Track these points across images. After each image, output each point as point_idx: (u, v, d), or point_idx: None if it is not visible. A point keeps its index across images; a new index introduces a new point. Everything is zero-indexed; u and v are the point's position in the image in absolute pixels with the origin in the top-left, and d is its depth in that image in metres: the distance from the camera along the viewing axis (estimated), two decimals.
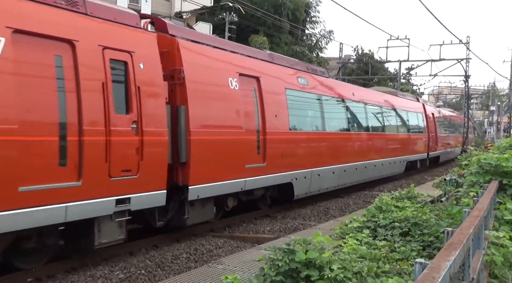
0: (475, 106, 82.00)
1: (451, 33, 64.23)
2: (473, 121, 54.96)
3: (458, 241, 3.22)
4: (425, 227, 7.40)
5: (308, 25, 43.93)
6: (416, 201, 10.23)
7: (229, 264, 6.66)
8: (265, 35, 36.21)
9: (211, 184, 8.75)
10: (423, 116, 23.92)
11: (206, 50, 9.21)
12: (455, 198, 10.15)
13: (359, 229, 7.71)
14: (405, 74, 49.31)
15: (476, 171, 8.62)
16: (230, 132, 9.28)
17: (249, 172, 9.70)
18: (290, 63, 12.58)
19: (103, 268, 7.11)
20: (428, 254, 6.61)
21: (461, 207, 7.07)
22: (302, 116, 12.51)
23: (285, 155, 11.08)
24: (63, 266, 6.96)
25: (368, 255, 5.91)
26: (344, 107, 14.93)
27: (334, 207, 13.28)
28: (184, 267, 7.43)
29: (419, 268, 2.75)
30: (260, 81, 10.38)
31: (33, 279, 6.49)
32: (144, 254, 7.93)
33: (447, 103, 64.01)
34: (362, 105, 16.36)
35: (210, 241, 8.91)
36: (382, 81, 49.10)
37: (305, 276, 4.43)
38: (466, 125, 34.64)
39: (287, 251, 4.62)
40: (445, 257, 2.77)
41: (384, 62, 39.26)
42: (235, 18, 32.39)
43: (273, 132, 10.53)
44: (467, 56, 33.12)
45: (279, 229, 10.23)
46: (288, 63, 12.49)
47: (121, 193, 6.88)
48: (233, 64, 9.74)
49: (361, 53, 52.31)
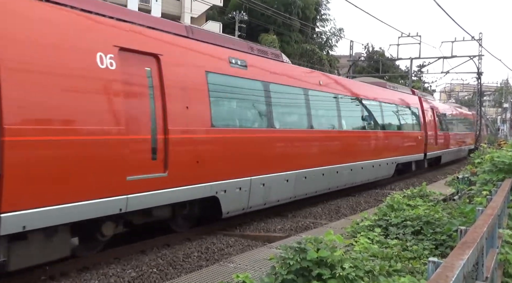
0: (488, 103, 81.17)
1: (463, 30, 63.68)
2: (486, 119, 54.33)
3: (471, 240, 3.19)
4: (437, 226, 7.35)
5: (318, 23, 43.82)
6: (428, 199, 10.15)
7: (240, 263, 6.67)
8: (275, 34, 36.20)
9: (53, 207, 5.92)
10: (419, 111, 20.90)
11: (48, 11, 6.31)
12: (468, 196, 10.07)
13: (371, 227, 7.68)
14: (417, 72, 48.94)
15: (489, 169, 8.56)
16: (94, 130, 6.50)
17: (135, 186, 6.99)
18: (221, 41, 9.66)
19: (115, 266, 7.17)
20: (441, 253, 6.56)
21: (474, 205, 7.02)
22: (235, 109, 9.82)
23: (204, 160, 8.32)
24: (76, 265, 7.02)
25: (380, 254, 5.88)
26: (305, 99, 11.88)
27: (345, 205, 13.22)
28: (196, 266, 7.46)
29: (432, 267, 2.73)
30: (160, 60, 7.69)
31: (47, 277, 6.57)
32: (155, 252, 7.97)
33: (459, 100, 63.39)
34: (331, 96, 13.43)
35: (221, 240, 8.93)
36: (393, 78, 48.81)
37: (317, 274, 4.43)
38: (479, 123, 34.28)
39: (298, 249, 4.61)
40: (459, 256, 2.74)
41: (395, 59, 39.00)
42: (245, 17, 32.40)
43: (181, 130, 7.93)
44: (480, 53, 32.79)
45: (290, 227, 10.22)
46: (218, 40, 9.60)
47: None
48: (107, 34, 7.00)
49: (371, 51, 52.09)
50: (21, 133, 5.68)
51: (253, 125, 10.25)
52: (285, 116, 11.29)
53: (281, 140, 10.86)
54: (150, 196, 7.27)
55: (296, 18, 37.26)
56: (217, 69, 9.04)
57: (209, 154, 8.53)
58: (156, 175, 7.37)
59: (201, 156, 8.31)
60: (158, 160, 7.45)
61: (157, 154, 7.43)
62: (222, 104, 9.31)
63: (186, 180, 7.97)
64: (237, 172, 9.20)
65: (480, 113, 35.52)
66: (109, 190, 6.63)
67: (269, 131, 10.37)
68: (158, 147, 7.44)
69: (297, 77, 12.00)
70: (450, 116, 28.35)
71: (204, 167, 8.34)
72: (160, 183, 7.43)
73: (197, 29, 9.35)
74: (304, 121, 11.87)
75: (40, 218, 5.81)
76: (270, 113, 10.43)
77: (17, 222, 5.56)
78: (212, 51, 9.17)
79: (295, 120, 11.73)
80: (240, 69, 9.66)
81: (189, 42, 8.69)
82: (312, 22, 41.50)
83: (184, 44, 8.55)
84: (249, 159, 9.61)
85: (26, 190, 5.68)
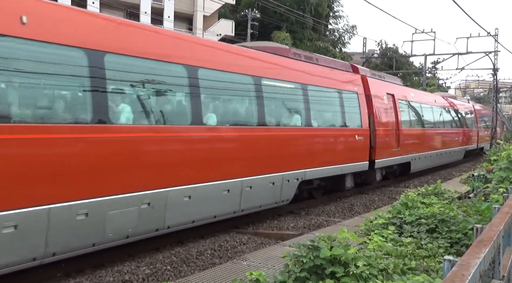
0: (503, 100, 79.96)
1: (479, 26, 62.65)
2: (502, 115, 53.56)
3: (488, 238, 3.15)
4: (452, 224, 7.28)
5: (331, 20, 43.64)
6: (443, 197, 10.07)
7: (253, 261, 6.68)
8: (287, 31, 36.15)
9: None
10: (358, 98, 13.77)
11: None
12: (484, 194, 9.95)
13: (385, 225, 7.64)
14: (431, 68, 48.43)
15: (506, 167, 8.44)
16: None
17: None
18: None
19: (130, 263, 7.23)
20: (456, 251, 6.50)
21: (490, 203, 6.93)
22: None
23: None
24: (91, 261, 7.09)
25: (394, 252, 5.84)
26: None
27: (358, 203, 13.15)
28: (209, 263, 7.49)
29: (447, 266, 2.70)
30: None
31: (62, 273, 6.65)
32: (169, 250, 8.02)
33: (474, 97, 62.59)
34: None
35: (234, 238, 8.96)
36: (407, 75, 48.38)
37: (330, 272, 4.41)
38: (495, 120, 33.78)
39: (311, 247, 4.60)
40: (475, 255, 2.71)
41: (409, 56, 38.62)
42: (257, 14, 32.40)
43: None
44: (496, 49, 32.31)
45: (303, 225, 10.20)
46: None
47: None
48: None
49: (385, 48, 51.67)
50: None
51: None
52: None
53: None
54: None
55: (309, 15, 37.15)
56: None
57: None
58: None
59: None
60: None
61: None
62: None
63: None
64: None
65: (496, 110, 35.01)
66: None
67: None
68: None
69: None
70: (430, 107, 20.84)
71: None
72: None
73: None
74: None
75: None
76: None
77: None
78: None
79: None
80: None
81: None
82: (325, 19, 41.32)
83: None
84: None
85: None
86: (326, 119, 12.39)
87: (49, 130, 5.85)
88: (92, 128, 6.36)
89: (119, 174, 6.68)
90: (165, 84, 7.75)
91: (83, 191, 6.16)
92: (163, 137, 7.50)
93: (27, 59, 5.77)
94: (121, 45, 6.97)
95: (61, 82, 6.33)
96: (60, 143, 5.98)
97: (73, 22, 6.37)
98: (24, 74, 5.74)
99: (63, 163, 5.96)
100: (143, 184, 7.00)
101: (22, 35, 5.63)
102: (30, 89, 5.94)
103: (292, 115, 10.95)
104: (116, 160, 6.64)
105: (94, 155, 6.33)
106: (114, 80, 6.85)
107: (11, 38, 5.54)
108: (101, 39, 6.63)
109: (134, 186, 6.87)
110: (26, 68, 5.75)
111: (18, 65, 5.63)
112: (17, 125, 5.53)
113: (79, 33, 6.35)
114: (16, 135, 5.50)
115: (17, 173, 5.46)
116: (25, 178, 5.53)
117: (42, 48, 5.90)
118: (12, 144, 5.46)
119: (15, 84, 5.76)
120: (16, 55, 5.61)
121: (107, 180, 6.50)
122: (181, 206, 7.71)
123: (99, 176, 6.39)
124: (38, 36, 5.81)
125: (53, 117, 6.07)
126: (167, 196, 7.42)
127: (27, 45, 5.71)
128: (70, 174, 6.02)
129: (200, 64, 8.34)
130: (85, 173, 6.19)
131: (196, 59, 8.31)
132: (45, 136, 5.79)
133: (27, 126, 5.63)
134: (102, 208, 6.41)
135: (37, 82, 6.00)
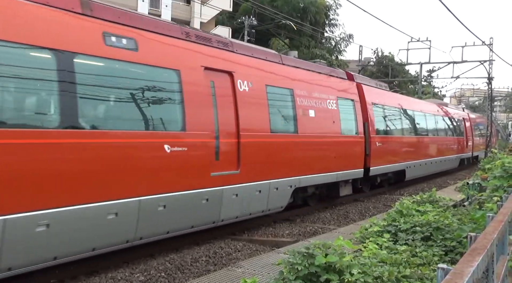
0: (498, 108, 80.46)
1: (474, 35, 63.17)
2: (497, 124, 53.82)
3: (481, 246, 3.16)
4: (447, 232, 7.29)
5: (327, 28, 43.83)
6: (438, 205, 10.08)
7: (248, 268, 6.66)
8: (286, 38, 36.32)
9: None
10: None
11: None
12: (478, 202, 9.97)
13: (380, 233, 7.64)
14: (427, 77, 48.69)
15: (500, 175, 8.48)
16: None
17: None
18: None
19: (124, 270, 7.19)
20: (451, 259, 6.51)
21: (485, 211, 6.95)
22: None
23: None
24: (85, 268, 7.05)
25: (389, 259, 5.84)
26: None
27: (353, 210, 13.16)
28: (204, 270, 7.46)
29: (441, 274, 2.71)
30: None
31: (56, 280, 6.60)
32: (164, 256, 7.99)
33: (469, 105, 62.91)
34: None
35: (229, 244, 8.93)
36: (402, 83, 48.58)
37: (325, 280, 4.41)
38: (489, 128, 33.96)
39: (306, 254, 4.60)
40: (469, 263, 2.72)
41: (404, 64, 38.83)
42: (254, 21, 32.51)
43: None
44: (490, 58, 32.54)
45: (298, 232, 10.19)
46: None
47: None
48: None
49: (381, 56, 51.91)
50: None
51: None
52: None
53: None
54: None
55: (307, 23, 37.28)
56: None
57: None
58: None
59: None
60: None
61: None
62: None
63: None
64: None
65: (490, 118, 35.21)
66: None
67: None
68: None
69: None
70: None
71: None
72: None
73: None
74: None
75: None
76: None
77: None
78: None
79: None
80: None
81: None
82: (322, 27, 41.48)
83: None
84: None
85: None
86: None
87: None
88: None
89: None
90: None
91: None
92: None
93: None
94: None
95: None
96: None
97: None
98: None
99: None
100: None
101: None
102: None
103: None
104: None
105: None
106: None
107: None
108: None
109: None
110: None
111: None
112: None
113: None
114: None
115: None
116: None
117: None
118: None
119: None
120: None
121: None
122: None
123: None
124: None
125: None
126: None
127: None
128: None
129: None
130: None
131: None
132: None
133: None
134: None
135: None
